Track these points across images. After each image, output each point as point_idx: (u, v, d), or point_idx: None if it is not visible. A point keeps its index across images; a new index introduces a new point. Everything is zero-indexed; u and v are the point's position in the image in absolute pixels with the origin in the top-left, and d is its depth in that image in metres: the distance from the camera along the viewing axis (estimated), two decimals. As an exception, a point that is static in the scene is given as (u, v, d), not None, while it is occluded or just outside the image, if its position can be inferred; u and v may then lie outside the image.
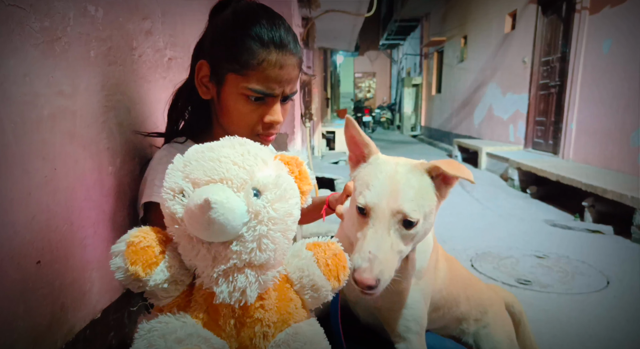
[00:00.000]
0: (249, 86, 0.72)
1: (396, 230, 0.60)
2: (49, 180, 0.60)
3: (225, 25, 0.74)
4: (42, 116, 0.59)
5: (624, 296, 2.09)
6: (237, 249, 0.49)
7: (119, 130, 0.83)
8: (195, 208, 0.46)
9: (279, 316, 0.55)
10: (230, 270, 0.50)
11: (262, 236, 0.50)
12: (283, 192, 0.52)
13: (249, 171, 0.50)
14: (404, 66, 15.53)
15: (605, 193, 3.11)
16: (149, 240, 0.52)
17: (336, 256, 0.58)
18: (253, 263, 0.50)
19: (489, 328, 0.92)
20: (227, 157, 0.51)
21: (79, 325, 0.67)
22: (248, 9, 0.75)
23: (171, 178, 0.51)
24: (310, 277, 0.56)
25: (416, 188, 0.61)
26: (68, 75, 0.65)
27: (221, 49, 0.73)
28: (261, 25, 0.72)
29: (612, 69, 3.98)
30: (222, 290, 0.50)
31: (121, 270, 0.51)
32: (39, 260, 0.57)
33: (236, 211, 0.47)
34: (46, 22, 0.59)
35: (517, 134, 6.05)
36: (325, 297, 0.58)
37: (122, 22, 0.84)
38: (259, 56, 0.71)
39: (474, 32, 7.97)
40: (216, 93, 0.77)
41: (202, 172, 0.49)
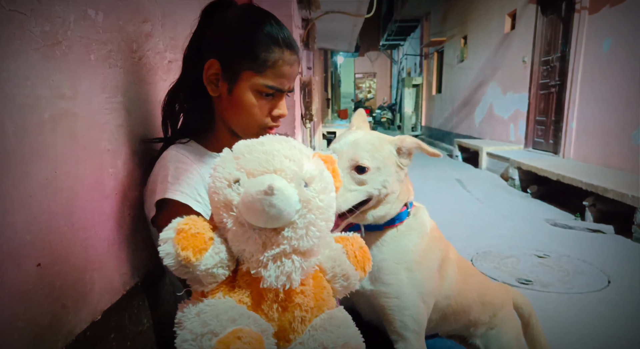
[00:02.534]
0: (265, 83, 0.77)
1: (349, 173, 0.73)
2: (50, 181, 0.61)
3: (237, 25, 0.78)
4: (43, 118, 0.60)
5: (625, 295, 2.09)
6: (288, 235, 0.52)
7: (119, 131, 0.83)
8: (257, 194, 0.49)
9: (315, 302, 0.58)
10: (279, 255, 0.53)
11: (311, 223, 0.53)
12: (326, 185, 0.56)
13: (298, 163, 0.54)
14: (404, 66, 15.53)
15: (605, 192, 3.11)
16: (199, 227, 0.55)
17: (362, 249, 0.63)
18: (300, 249, 0.54)
19: (497, 329, 0.93)
20: (278, 151, 0.55)
21: (80, 326, 0.67)
22: (256, 10, 0.81)
23: (225, 169, 0.54)
24: (341, 266, 0.61)
25: (375, 145, 0.74)
26: (69, 78, 0.66)
27: (236, 49, 0.77)
28: (272, 25, 0.78)
29: (612, 68, 3.98)
30: (270, 274, 0.53)
31: (171, 256, 0.53)
32: (39, 261, 0.58)
33: (292, 199, 0.51)
34: (46, 26, 0.60)
35: (517, 133, 6.05)
36: (353, 286, 0.63)
37: (122, 25, 0.85)
38: (276, 55, 0.77)
39: (474, 32, 7.97)
40: (227, 90, 0.80)
41: (257, 164, 0.53)
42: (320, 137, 7.46)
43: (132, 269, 0.88)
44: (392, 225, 0.79)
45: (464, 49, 8.46)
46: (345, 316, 0.60)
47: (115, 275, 0.81)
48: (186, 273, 0.55)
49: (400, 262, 0.76)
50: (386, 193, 0.76)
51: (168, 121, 0.88)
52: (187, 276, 0.56)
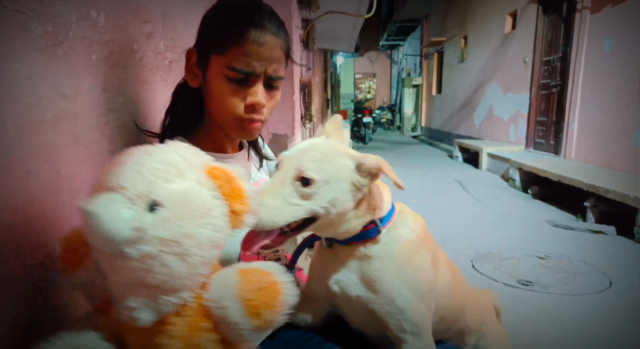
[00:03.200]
0: (229, 65, 0.71)
1: (292, 184, 0.63)
2: (52, 181, 0.61)
3: (211, 10, 0.77)
4: (45, 118, 0.60)
5: (626, 296, 2.08)
6: (124, 265, 0.45)
7: (120, 131, 0.83)
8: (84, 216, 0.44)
9: (184, 346, 0.49)
10: (126, 286, 0.47)
11: (148, 257, 0.44)
12: (186, 210, 0.46)
13: (150, 182, 0.46)
14: (404, 67, 15.53)
15: (607, 193, 3.10)
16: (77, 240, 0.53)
17: (261, 290, 0.48)
18: (145, 283, 0.45)
19: (486, 339, 0.91)
20: (136, 164, 0.47)
21: (82, 326, 0.67)
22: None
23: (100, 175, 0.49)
24: (223, 310, 0.48)
25: (326, 156, 0.65)
26: (70, 78, 0.66)
27: (205, 32, 0.75)
28: (242, 5, 0.74)
29: (613, 68, 3.97)
30: (115, 304, 0.48)
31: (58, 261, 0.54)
32: (42, 260, 0.58)
33: (110, 226, 0.42)
34: (48, 26, 0.60)
35: (518, 134, 6.05)
36: (244, 336, 0.49)
37: (123, 26, 0.85)
38: (238, 31, 0.70)
39: (474, 32, 7.97)
40: (202, 78, 0.77)
41: (105, 177, 0.47)
42: (320, 137, 7.45)
43: (134, 270, 0.88)
44: (359, 241, 0.71)
45: (464, 49, 8.46)
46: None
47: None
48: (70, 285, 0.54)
49: (387, 267, 0.70)
50: (337, 212, 0.66)
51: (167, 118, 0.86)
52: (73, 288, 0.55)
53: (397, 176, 0.65)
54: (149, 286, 0.46)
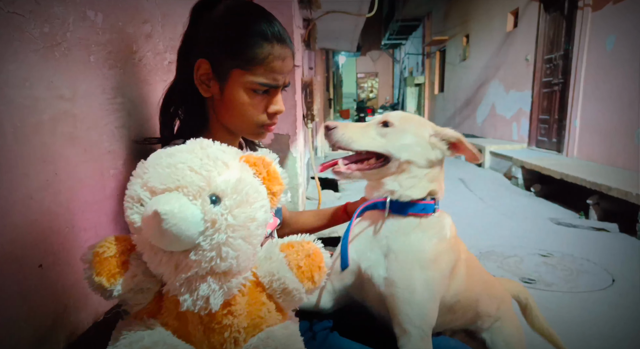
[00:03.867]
0: (256, 80, 0.75)
1: (375, 127, 0.77)
2: (50, 183, 0.61)
3: (224, 23, 0.76)
4: (43, 120, 0.60)
5: (629, 294, 2.07)
6: (195, 258, 0.47)
7: (120, 133, 0.83)
8: (148, 219, 0.45)
9: (249, 321, 0.53)
10: (193, 278, 0.49)
11: (221, 244, 0.48)
12: (244, 197, 0.50)
13: (206, 177, 0.48)
14: (406, 65, 15.51)
15: (610, 190, 3.09)
16: (112, 250, 0.52)
17: (310, 256, 0.56)
18: (215, 271, 0.49)
19: (501, 321, 0.95)
20: (184, 163, 0.49)
21: (82, 327, 0.68)
22: (243, 6, 0.78)
23: (132, 185, 0.50)
24: (281, 281, 0.55)
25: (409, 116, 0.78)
26: (68, 79, 0.66)
27: (223, 47, 0.75)
28: (261, 21, 0.76)
29: (616, 66, 3.95)
30: (185, 298, 0.49)
31: (89, 280, 0.52)
32: (40, 263, 0.58)
33: (189, 221, 0.45)
34: (46, 28, 0.60)
35: (520, 132, 6.03)
36: (299, 300, 0.57)
37: (122, 26, 0.85)
38: (265, 51, 0.74)
39: (476, 30, 7.95)
40: (219, 90, 0.78)
41: (159, 180, 0.48)
42: (322, 137, 7.46)
43: (134, 270, 0.88)
44: (417, 213, 0.77)
45: (466, 47, 8.43)
46: (289, 333, 0.55)
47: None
48: (108, 296, 0.53)
49: (417, 258, 0.74)
50: (407, 159, 0.75)
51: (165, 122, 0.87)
52: (106, 297, 0.54)
53: (474, 147, 0.76)
54: (218, 273, 0.49)
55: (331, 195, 4.10)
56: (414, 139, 0.76)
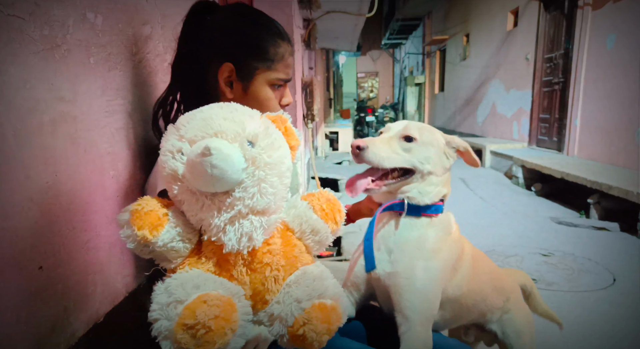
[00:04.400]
0: (278, 76, 0.84)
1: (397, 141, 0.80)
2: (50, 184, 0.61)
3: (242, 27, 0.82)
4: (43, 121, 0.60)
5: (630, 293, 2.07)
6: (240, 195, 0.51)
7: (120, 134, 0.83)
8: (196, 158, 0.48)
9: (286, 260, 0.58)
10: (236, 217, 0.53)
11: (261, 180, 0.53)
12: (274, 141, 0.56)
13: (239, 123, 0.53)
14: (406, 65, 15.50)
15: (610, 189, 3.09)
16: (151, 205, 0.55)
17: (330, 201, 0.64)
18: (256, 208, 0.53)
19: (511, 313, 1.00)
20: (217, 115, 0.54)
21: (82, 329, 0.68)
22: (250, 9, 0.85)
23: (167, 141, 0.54)
24: (308, 222, 0.61)
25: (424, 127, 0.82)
26: (68, 81, 0.66)
27: (247, 50, 0.81)
28: (272, 21, 0.84)
29: (616, 65, 3.95)
30: (230, 237, 0.53)
31: (130, 238, 0.53)
32: (41, 264, 0.58)
33: (234, 157, 0.50)
34: (45, 30, 0.60)
35: (520, 131, 6.02)
36: (326, 239, 0.63)
37: (121, 28, 0.85)
38: (282, 49, 0.83)
39: (476, 29, 7.94)
40: (242, 89, 0.84)
41: (197, 130, 0.52)
42: (322, 137, 7.46)
43: (135, 271, 0.88)
44: (429, 214, 0.83)
45: (467, 47, 8.43)
46: (321, 270, 0.60)
47: (117, 277, 0.81)
48: (149, 252, 0.55)
49: (419, 248, 0.79)
50: (429, 171, 0.81)
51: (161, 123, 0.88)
52: (152, 255, 0.56)
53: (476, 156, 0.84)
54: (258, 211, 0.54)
55: (332, 195, 4.08)
56: (434, 151, 0.82)
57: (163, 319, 0.49)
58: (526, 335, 0.99)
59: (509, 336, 0.98)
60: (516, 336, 0.98)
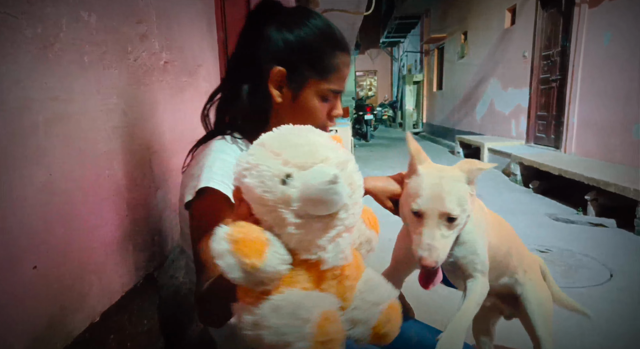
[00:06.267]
0: (330, 87, 0.81)
1: (443, 225, 0.81)
2: (45, 184, 0.61)
3: (301, 32, 0.79)
4: (37, 121, 0.60)
5: (627, 289, 2.08)
6: (343, 216, 0.56)
7: (115, 133, 0.83)
8: (321, 185, 0.52)
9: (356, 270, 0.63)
10: (334, 236, 0.57)
11: (356, 202, 0.58)
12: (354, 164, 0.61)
13: (335, 150, 0.58)
14: (404, 63, 15.50)
15: (607, 186, 3.09)
16: (253, 231, 0.56)
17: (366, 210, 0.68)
18: (349, 226, 0.58)
19: (534, 281, 1.10)
20: (318, 141, 0.58)
21: (78, 329, 0.68)
22: (311, 13, 0.82)
23: (271, 167, 0.55)
24: (364, 234, 0.67)
25: (454, 192, 0.81)
26: (62, 80, 0.66)
27: (303, 57, 0.79)
28: (334, 31, 0.82)
29: (612, 62, 3.95)
30: (330, 255, 0.56)
31: (235, 268, 0.53)
32: (35, 264, 0.58)
33: (343, 186, 0.54)
34: (38, 28, 0.60)
35: (518, 129, 6.03)
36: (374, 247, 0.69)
37: (116, 27, 0.85)
38: (338, 60, 0.81)
39: (474, 27, 7.94)
40: (291, 96, 0.82)
41: (307, 157, 0.56)
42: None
43: (132, 270, 0.88)
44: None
45: (465, 45, 8.43)
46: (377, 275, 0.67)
47: (114, 276, 0.81)
48: (252, 279, 0.55)
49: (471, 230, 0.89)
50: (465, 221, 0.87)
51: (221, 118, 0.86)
52: (251, 282, 0.56)
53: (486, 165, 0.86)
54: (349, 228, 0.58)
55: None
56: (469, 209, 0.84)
57: (297, 340, 0.52)
58: (546, 305, 1.09)
59: (531, 302, 1.07)
60: (537, 303, 1.07)
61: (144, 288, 0.92)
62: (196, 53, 1.38)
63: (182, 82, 1.25)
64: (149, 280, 0.95)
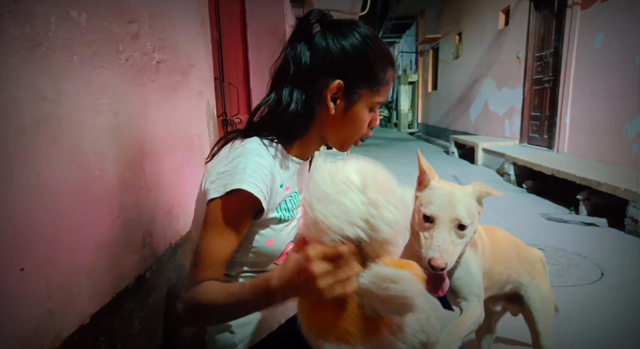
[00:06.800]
0: (379, 100, 0.84)
1: (454, 231, 0.85)
2: (33, 185, 0.60)
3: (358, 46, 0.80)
4: (25, 122, 0.59)
5: (618, 286, 2.10)
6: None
7: (106, 134, 0.83)
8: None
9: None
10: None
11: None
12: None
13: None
14: (400, 64, 15.53)
15: (599, 186, 3.12)
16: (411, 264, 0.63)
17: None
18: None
19: (537, 280, 1.14)
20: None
21: (67, 331, 0.67)
22: (367, 30, 0.83)
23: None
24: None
25: (465, 203, 0.87)
26: (51, 80, 0.65)
27: (360, 71, 0.81)
28: (386, 47, 0.84)
29: (604, 63, 3.99)
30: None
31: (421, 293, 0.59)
32: (22, 266, 0.58)
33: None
34: (26, 28, 0.59)
35: (512, 129, 6.07)
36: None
37: (107, 26, 0.84)
38: (389, 74, 0.84)
39: (468, 28, 7.98)
40: (343, 108, 0.83)
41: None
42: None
43: (123, 272, 0.88)
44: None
45: (459, 45, 8.46)
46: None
47: (104, 278, 0.80)
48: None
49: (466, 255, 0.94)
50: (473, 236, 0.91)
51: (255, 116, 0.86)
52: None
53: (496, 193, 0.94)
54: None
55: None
56: (476, 221, 0.90)
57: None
58: (549, 302, 1.14)
59: (535, 300, 1.11)
60: (541, 300, 1.12)
61: (136, 290, 0.92)
62: (189, 53, 1.38)
63: (174, 82, 1.24)
64: (141, 282, 0.95)
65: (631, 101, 3.64)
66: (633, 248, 2.64)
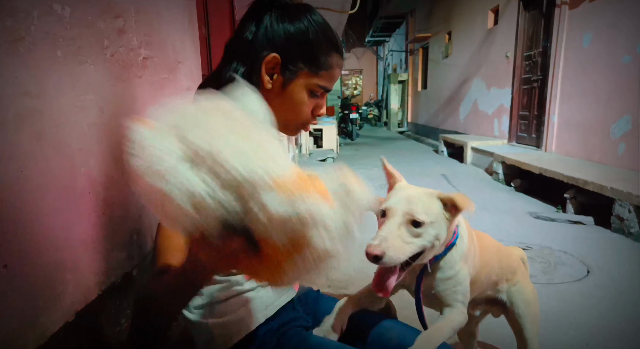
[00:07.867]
0: (319, 83, 0.83)
1: (406, 227, 0.79)
2: (16, 181, 0.59)
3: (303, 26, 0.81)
4: (7, 117, 0.58)
5: (604, 284, 2.14)
6: None
7: (91, 130, 0.82)
8: None
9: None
10: None
11: None
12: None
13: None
14: (390, 63, 15.59)
15: (586, 184, 3.17)
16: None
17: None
18: None
19: (519, 284, 1.11)
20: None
21: (52, 328, 0.66)
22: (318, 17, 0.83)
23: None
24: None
25: (425, 202, 0.81)
26: (34, 75, 0.64)
27: (300, 49, 0.80)
28: (333, 31, 0.84)
29: (592, 63, 4.05)
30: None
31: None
32: (5, 263, 0.57)
33: None
34: (8, 21, 0.58)
35: (501, 128, 6.13)
36: None
37: (91, 21, 0.83)
38: (333, 60, 0.83)
39: (458, 27, 8.04)
40: (280, 84, 0.83)
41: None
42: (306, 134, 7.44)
43: (110, 269, 0.87)
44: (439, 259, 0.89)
45: (449, 44, 8.52)
46: None
47: (90, 275, 0.79)
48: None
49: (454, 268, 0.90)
50: (439, 244, 0.84)
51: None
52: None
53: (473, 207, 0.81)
54: None
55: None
56: (440, 227, 0.82)
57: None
58: (533, 305, 1.12)
59: (518, 305, 1.09)
60: (525, 305, 1.10)
61: (122, 287, 0.91)
62: (177, 49, 1.37)
63: (161, 79, 1.23)
64: (128, 279, 0.94)
65: (618, 101, 3.70)
66: (619, 246, 2.69)
